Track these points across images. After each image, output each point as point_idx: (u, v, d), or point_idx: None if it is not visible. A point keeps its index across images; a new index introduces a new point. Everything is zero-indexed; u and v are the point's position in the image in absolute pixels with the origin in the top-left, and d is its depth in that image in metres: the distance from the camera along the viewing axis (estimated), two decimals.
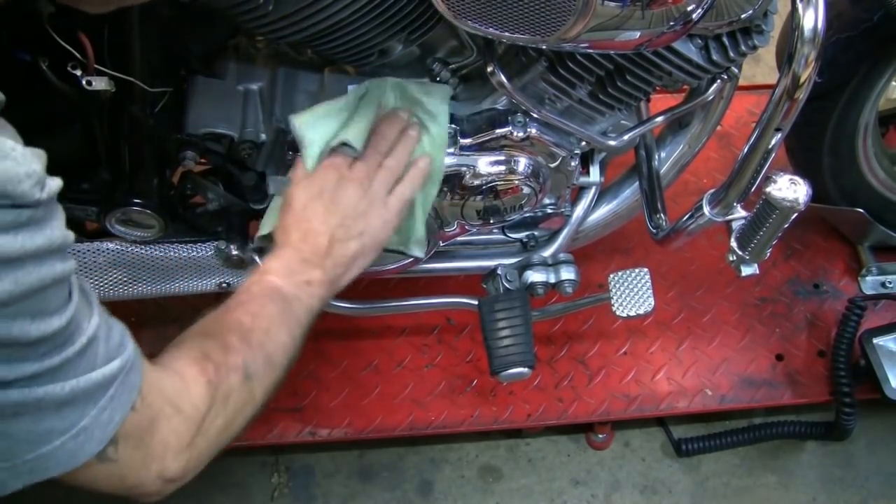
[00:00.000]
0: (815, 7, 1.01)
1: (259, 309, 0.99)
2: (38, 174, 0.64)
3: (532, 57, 1.16)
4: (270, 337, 0.97)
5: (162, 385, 0.83)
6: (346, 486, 1.73)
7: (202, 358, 0.89)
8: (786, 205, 1.11)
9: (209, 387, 0.87)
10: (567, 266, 1.43)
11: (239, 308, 0.99)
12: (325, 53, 1.17)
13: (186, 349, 0.90)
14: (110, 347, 0.75)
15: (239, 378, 0.91)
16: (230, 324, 0.96)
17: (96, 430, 0.73)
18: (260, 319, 0.98)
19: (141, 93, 1.14)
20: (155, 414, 0.81)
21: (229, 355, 0.91)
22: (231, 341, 0.93)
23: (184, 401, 0.85)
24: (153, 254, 1.35)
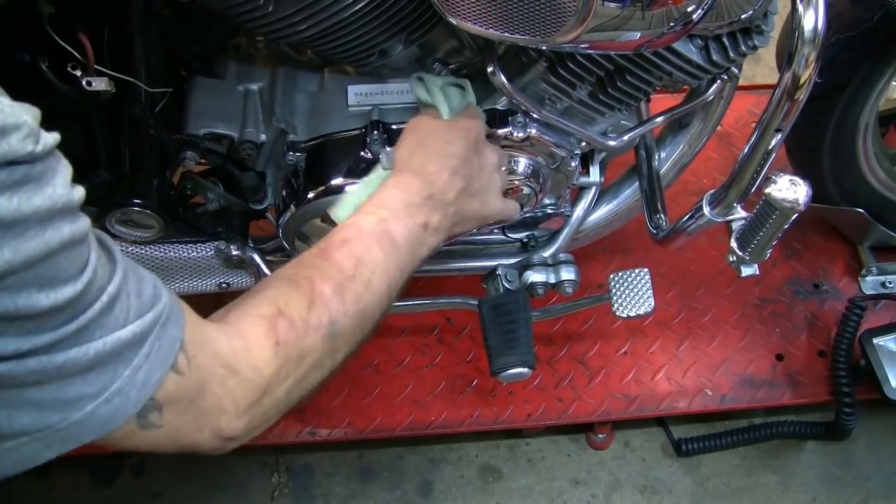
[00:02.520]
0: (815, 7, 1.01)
1: (365, 252, 0.90)
2: (29, 125, 0.58)
3: (532, 57, 1.16)
4: (370, 289, 0.88)
5: (216, 345, 0.75)
6: (346, 486, 1.73)
7: (275, 315, 0.80)
8: (786, 205, 1.11)
9: (278, 348, 0.79)
10: (567, 266, 1.43)
11: (344, 248, 0.89)
12: (325, 53, 1.17)
13: (260, 302, 0.82)
14: (143, 301, 0.68)
15: (320, 336, 0.83)
16: (329, 268, 0.87)
17: (132, 392, 0.67)
18: (363, 266, 0.88)
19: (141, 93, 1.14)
20: (205, 376, 0.73)
21: (314, 310, 0.83)
22: (323, 291, 0.84)
23: (242, 363, 0.76)
24: (153, 254, 1.35)
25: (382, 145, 1.21)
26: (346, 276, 0.87)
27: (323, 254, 0.89)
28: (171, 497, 1.71)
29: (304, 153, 1.25)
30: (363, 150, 1.22)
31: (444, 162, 1.00)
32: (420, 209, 0.97)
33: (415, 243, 0.96)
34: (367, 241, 0.91)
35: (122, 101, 1.14)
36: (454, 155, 1.02)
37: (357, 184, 1.11)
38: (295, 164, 1.26)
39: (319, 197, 1.23)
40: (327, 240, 0.92)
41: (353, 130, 1.24)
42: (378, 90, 1.25)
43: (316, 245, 0.92)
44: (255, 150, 1.25)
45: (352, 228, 0.93)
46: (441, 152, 1.01)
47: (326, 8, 1.05)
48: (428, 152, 1.01)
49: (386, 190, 0.98)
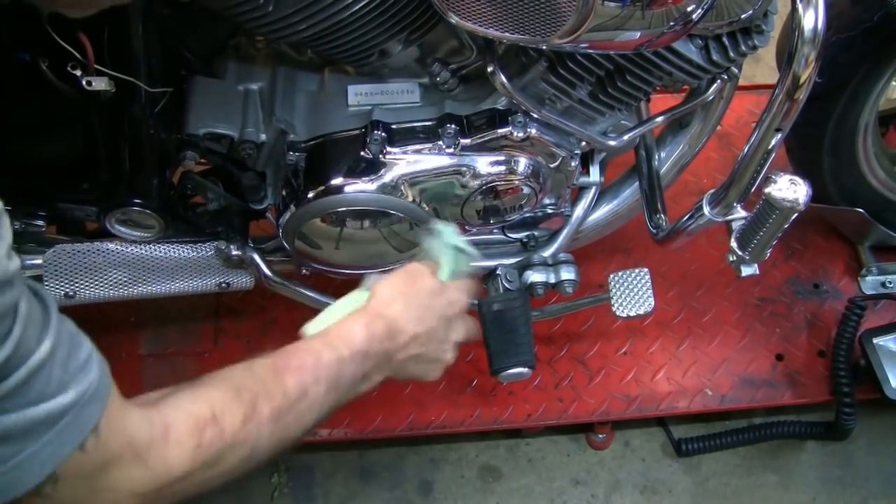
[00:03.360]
0: (815, 7, 1.01)
1: (312, 386, 0.90)
2: None
3: (532, 57, 1.16)
4: (301, 421, 0.89)
5: (132, 431, 0.74)
6: (346, 486, 1.73)
7: (208, 419, 0.79)
8: (786, 205, 1.11)
9: (195, 450, 0.78)
10: (567, 266, 1.43)
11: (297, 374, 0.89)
12: (325, 53, 1.17)
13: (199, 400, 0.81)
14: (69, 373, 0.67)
15: (241, 453, 0.83)
16: (276, 390, 0.87)
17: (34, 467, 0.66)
18: (305, 399, 0.89)
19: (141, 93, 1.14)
20: (110, 459, 0.72)
21: (245, 427, 0.82)
22: (262, 412, 0.84)
23: (153, 455, 0.75)
24: (153, 254, 1.35)
25: (383, 145, 1.21)
26: (288, 403, 0.88)
27: (277, 373, 0.88)
28: None
29: (304, 153, 1.25)
30: (363, 149, 1.22)
31: (414, 325, 1.01)
32: (372, 361, 0.98)
33: (351, 390, 0.97)
34: (319, 375, 0.92)
35: (122, 101, 1.14)
36: (426, 322, 1.02)
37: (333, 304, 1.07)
38: (295, 164, 1.26)
39: (319, 197, 1.23)
40: (286, 358, 0.91)
41: (353, 130, 1.24)
42: (378, 90, 1.25)
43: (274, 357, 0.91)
44: (255, 150, 1.25)
45: (311, 357, 0.92)
46: (417, 315, 1.02)
47: (326, 8, 1.05)
48: (407, 307, 1.02)
49: (356, 326, 0.97)
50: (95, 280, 1.35)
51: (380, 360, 0.99)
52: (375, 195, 1.23)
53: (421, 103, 1.26)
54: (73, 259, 1.31)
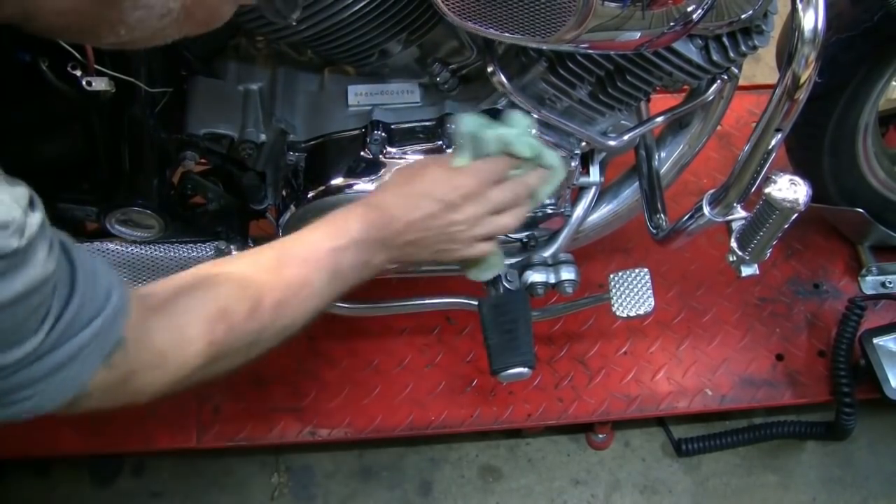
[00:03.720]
0: (815, 7, 1.01)
1: (314, 274, 0.95)
2: (17, 221, 0.63)
3: (532, 57, 1.16)
4: (303, 308, 0.94)
5: (155, 339, 0.80)
6: (346, 486, 1.73)
7: (218, 317, 0.85)
8: (786, 205, 1.11)
9: (208, 347, 0.84)
10: (567, 266, 1.43)
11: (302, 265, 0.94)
12: (326, 54, 1.17)
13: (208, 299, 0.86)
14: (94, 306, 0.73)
15: (247, 342, 0.89)
16: (279, 281, 0.92)
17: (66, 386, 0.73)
18: (306, 288, 0.94)
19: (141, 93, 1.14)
20: (136, 367, 0.79)
21: (252, 319, 0.88)
22: (265, 304, 0.89)
23: (173, 357, 0.82)
24: (153, 254, 1.35)
25: (383, 145, 1.21)
26: (290, 293, 0.92)
27: (281, 265, 0.93)
28: (170, 497, 1.71)
29: (304, 153, 1.25)
30: (363, 149, 1.22)
31: (407, 211, 1.02)
32: (370, 247, 1.01)
33: (354, 277, 1.01)
34: (319, 265, 0.96)
35: (122, 101, 1.14)
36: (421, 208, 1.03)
37: None
38: (295, 164, 1.26)
39: (319, 197, 1.23)
40: (289, 248, 0.96)
41: (353, 130, 1.24)
42: (378, 90, 1.25)
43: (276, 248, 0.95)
44: (255, 150, 1.25)
45: (312, 249, 0.97)
46: (412, 202, 1.03)
47: (326, 8, 1.05)
48: (400, 195, 1.04)
49: (351, 218, 1.00)
50: None
51: (378, 247, 1.01)
52: None
53: (421, 103, 1.26)
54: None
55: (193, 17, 0.77)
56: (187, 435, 1.64)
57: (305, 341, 1.73)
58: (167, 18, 0.74)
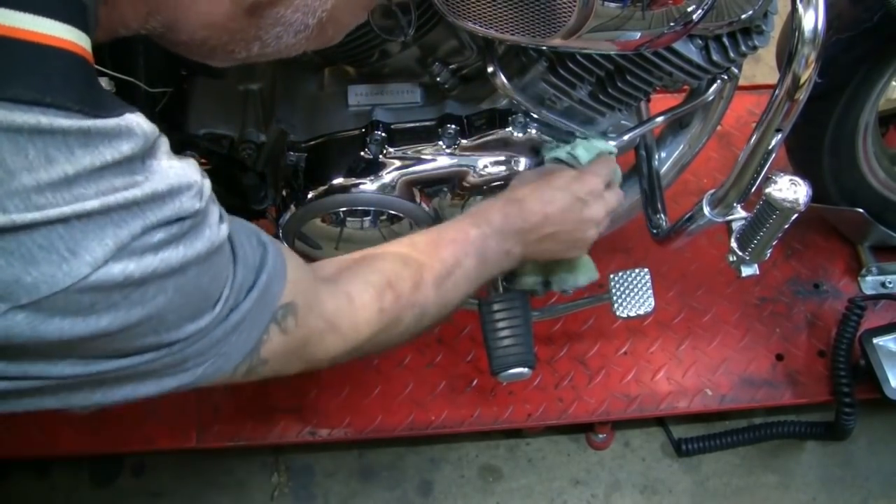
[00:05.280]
0: (815, 7, 1.01)
1: (464, 257, 1.01)
2: (197, 184, 0.65)
3: (532, 57, 1.16)
4: (457, 289, 0.99)
5: (324, 305, 0.84)
6: (346, 486, 1.73)
7: (385, 286, 0.90)
8: (786, 205, 1.11)
9: (379, 314, 0.89)
10: None
11: (452, 246, 1.00)
12: (325, 54, 1.17)
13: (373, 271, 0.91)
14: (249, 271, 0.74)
15: (414, 314, 0.94)
16: (434, 261, 0.97)
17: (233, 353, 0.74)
18: (459, 268, 0.99)
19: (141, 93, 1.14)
20: (308, 334, 0.82)
21: (418, 292, 0.93)
22: (426, 279, 0.95)
23: (344, 321, 0.86)
24: None
25: (383, 145, 1.21)
26: (446, 272, 0.98)
27: (435, 245, 1.00)
28: (170, 497, 1.71)
29: (305, 153, 1.25)
30: (363, 150, 1.22)
31: (544, 205, 1.10)
32: (510, 238, 1.07)
33: (496, 264, 1.07)
34: (469, 249, 1.02)
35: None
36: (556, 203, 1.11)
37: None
38: (295, 164, 1.25)
39: (319, 197, 1.23)
40: (441, 233, 1.03)
41: (354, 130, 1.24)
42: (378, 90, 1.25)
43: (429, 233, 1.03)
44: (255, 150, 1.25)
45: (461, 233, 1.03)
46: (548, 196, 1.11)
47: None
48: (537, 190, 1.12)
49: (492, 210, 1.08)
50: None
51: (517, 238, 1.08)
52: (375, 195, 1.23)
53: (421, 103, 1.26)
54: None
55: (324, 34, 0.79)
56: (187, 435, 1.64)
57: None
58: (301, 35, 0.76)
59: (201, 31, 0.73)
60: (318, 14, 0.75)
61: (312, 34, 0.77)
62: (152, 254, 0.61)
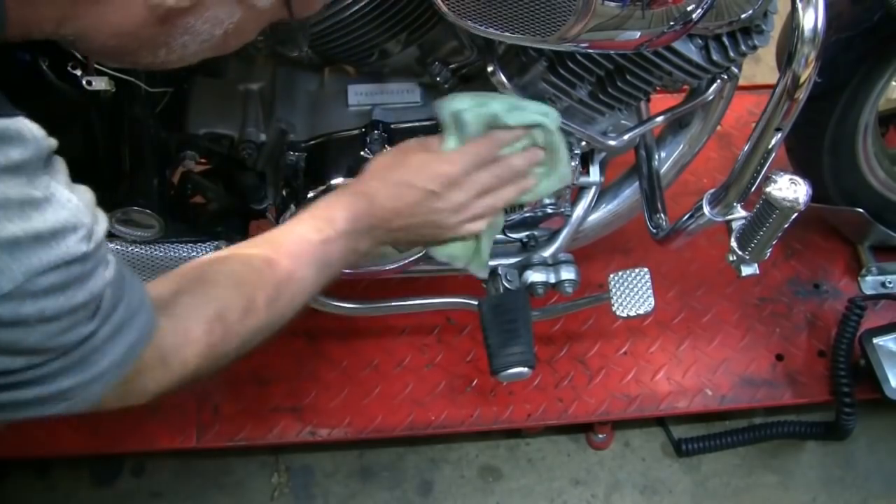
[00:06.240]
0: (815, 7, 1.01)
1: (303, 270, 0.97)
2: (86, 226, 0.64)
3: (532, 57, 1.16)
4: (292, 304, 0.96)
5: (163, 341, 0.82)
6: (346, 486, 1.73)
7: (216, 319, 0.87)
8: (786, 205, 1.11)
9: (208, 349, 0.86)
10: (567, 266, 1.43)
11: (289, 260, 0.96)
12: (325, 53, 1.17)
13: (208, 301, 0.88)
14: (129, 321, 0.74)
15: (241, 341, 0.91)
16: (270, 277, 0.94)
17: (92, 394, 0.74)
18: (295, 283, 0.96)
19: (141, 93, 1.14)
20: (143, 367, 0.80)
21: (247, 319, 0.90)
22: (258, 302, 0.91)
23: (176, 358, 0.84)
24: (153, 254, 1.35)
25: (383, 145, 1.21)
26: (281, 289, 0.94)
27: (269, 261, 0.94)
28: (170, 497, 1.71)
29: (305, 153, 1.25)
30: (363, 149, 1.22)
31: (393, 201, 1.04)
32: (357, 236, 1.02)
33: (342, 265, 1.03)
34: (308, 259, 0.97)
35: (122, 100, 1.14)
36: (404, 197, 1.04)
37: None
38: (295, 164, 1.26)
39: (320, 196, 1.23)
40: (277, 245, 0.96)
41: (353, 130, 1.24)
42: (378, 90, 1.26)
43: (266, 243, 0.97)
44: (255, 150, 1.25)
45: (302, 244, 0.98)
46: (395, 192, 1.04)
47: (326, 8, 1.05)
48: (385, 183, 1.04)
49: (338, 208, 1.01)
50: None
51: (364, 235, 1.03)
52: None
53: (421, 103, 1.26)
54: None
55: (226, 44, 0.81)
56: (187, 435, 1.64)
57: (305, 341, 1.73)
58: (206, 44, 0.78)
59: (113, 39, 0.73)
60: (225, 26, 0.77)
61: (216, 44, 0.79)
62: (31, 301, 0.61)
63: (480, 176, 1.05)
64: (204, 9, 0.74)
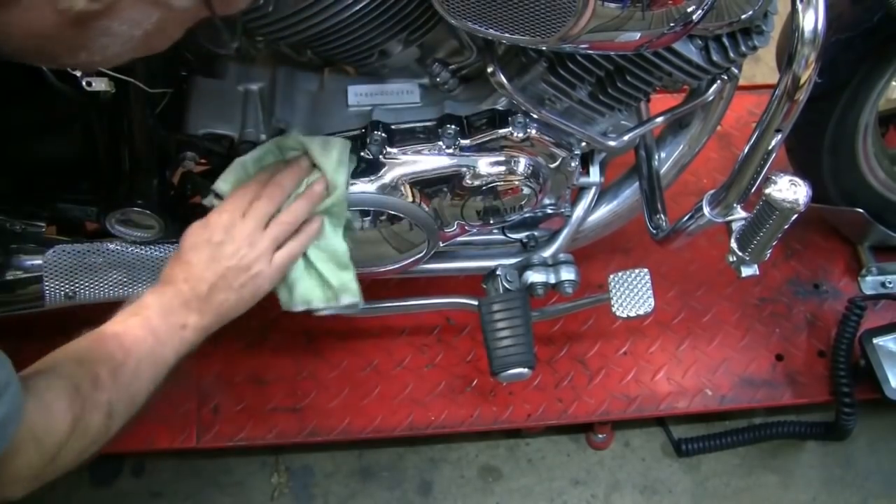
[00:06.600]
0: (815, 8, 1.01)
1: (133, 345, 1.00)
2: None
3: (532, 57, 1.16)
4: (137, 377, 0.99)
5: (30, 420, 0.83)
6: (346, 486, 1.73)
7: (73, 391, 0.89)
8: (786, 206, 1.11)
9: (73, 422, 0.88)
10: (567, 266, 1.43)
11: (114, 340, 0.99)
12: (325, 54, 1.17)
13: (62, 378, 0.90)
14: None
15: (101, 416, 0.93)
16: (103, 356, 0.96)
17: None
18: (131, 357, 0.98)
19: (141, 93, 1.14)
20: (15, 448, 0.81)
21: (97, 391, 0.92)
22: (102, 376, 0.94)
23: (46, 435, 0.86)
24: (153, 254, 1.35)
25: (383, 145, 1.21)
26: (117, 363, 0.97)
27: (99, 342, 0.98)
28: (170, 497, 1.71)
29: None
30: (363, 150, 1.22)
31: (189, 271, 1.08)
32: (176, 312, 1.06)
33: (175, 340, 1.05)
34: (135, 334, 1.01)
35: (121, 101, 1.14)
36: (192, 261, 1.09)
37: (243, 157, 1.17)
38: None
39: None
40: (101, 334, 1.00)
41: (353, 130, 1.24)
42: (378, 90, 1.25)
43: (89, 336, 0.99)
44: None
45: (120, 325, 1.02)
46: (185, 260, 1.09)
47: (326, 8, 1.05)
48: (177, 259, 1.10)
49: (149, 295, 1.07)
50: (95, 280, 1.35)
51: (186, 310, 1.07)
52: (375, 195, 1.23)
53: (421, 104, 1.26)
54: (73, 259, 1.31)
55: (151, 44, 0.81)
56: (187, 435, 1.64)
57: (305, 341, 1.73)
58: (127, 45, 0.78)
59: (30, 41, 0.74)
60: (144, 27, 0.77)
61: (138, 45, 0.79)
62: None
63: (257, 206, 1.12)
64: (118, 11, 0.75)
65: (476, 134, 1.23)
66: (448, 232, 1.36)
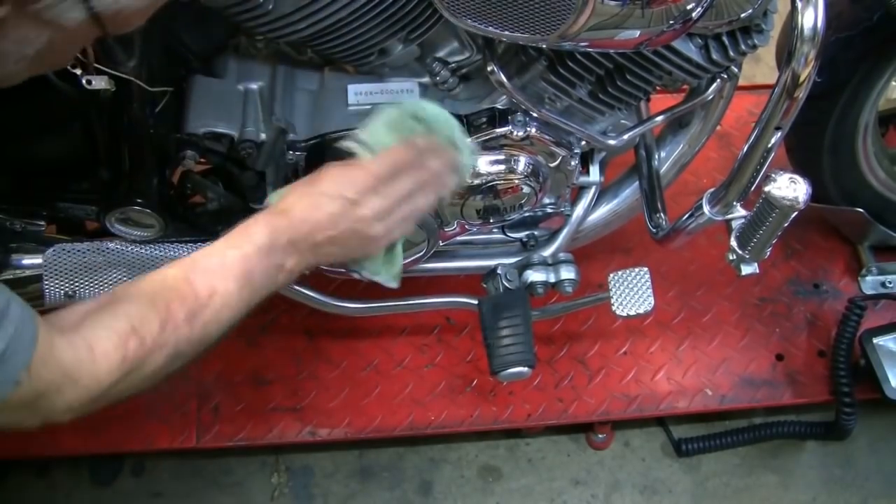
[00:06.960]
0: (814, 6, 1.01)
1: (221, 284, 0.95)
2: None
3: (532, 56, 1.16)
4: (217, 319, 0.95)
5: (62, 358, 0.82)
6: (346, 486, 1.73)
7: (128, 332, 0.87)
8: (786, 204, 1.11)
9: (123, 363, 0.86)
10: (567, 266, 1.43)
11: (205, 275, 0.95)
12: (325, 53, 1.17)
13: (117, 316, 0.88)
14: None
15: (164, 356, 0.90)
16: (185, 294, 0.93)
17: None
18: (217, 297, 0.95)
19: (141, 92, 1.14)
20: (44, 387, 0.81)
21: (166, 331, 0.90)
22: (176, 315, 0.91)
23: (84, 373, 0.84)
24: (153, 253, 1.35)
25: None
26: (200, 304, 0.93)
27: (186, 278, 0.94)
28: (170, 497, 1.71)
29: (304, 152, 1.25)
30: None
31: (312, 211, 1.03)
32: (279, 252, 1.00)
33: (268, 282, 1.01)
34: (227, 274, 0.96)
35: (121, 100, 1.14)
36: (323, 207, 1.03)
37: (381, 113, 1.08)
38: (295, 164, 1.26)
39: None
40: (194, 262, 0.97)
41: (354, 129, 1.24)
42: (378, 89, 1.25)
43: (182, 264, 0.96)
44: (255, 149, 1.25)
45: (216, 259, 0.97)
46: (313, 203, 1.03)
47: (326, 7, 1.05)
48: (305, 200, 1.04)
49: (255, 226, 1.00)
50: (95, 279, 1.35)
51: (288, 251, 1.01)
52: None
53: None
54: (73, 258, 1.31)
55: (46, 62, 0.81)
56: (187, 435, 1.64)
57: (305, 341, 1.73)
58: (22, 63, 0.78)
59: None
60: (36, 46, 0.77)
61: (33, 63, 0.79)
62: None
63: (398, 180, 1.05)
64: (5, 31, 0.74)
65: (476, 133, 1.23)
66: (448, 231, 1.37)
